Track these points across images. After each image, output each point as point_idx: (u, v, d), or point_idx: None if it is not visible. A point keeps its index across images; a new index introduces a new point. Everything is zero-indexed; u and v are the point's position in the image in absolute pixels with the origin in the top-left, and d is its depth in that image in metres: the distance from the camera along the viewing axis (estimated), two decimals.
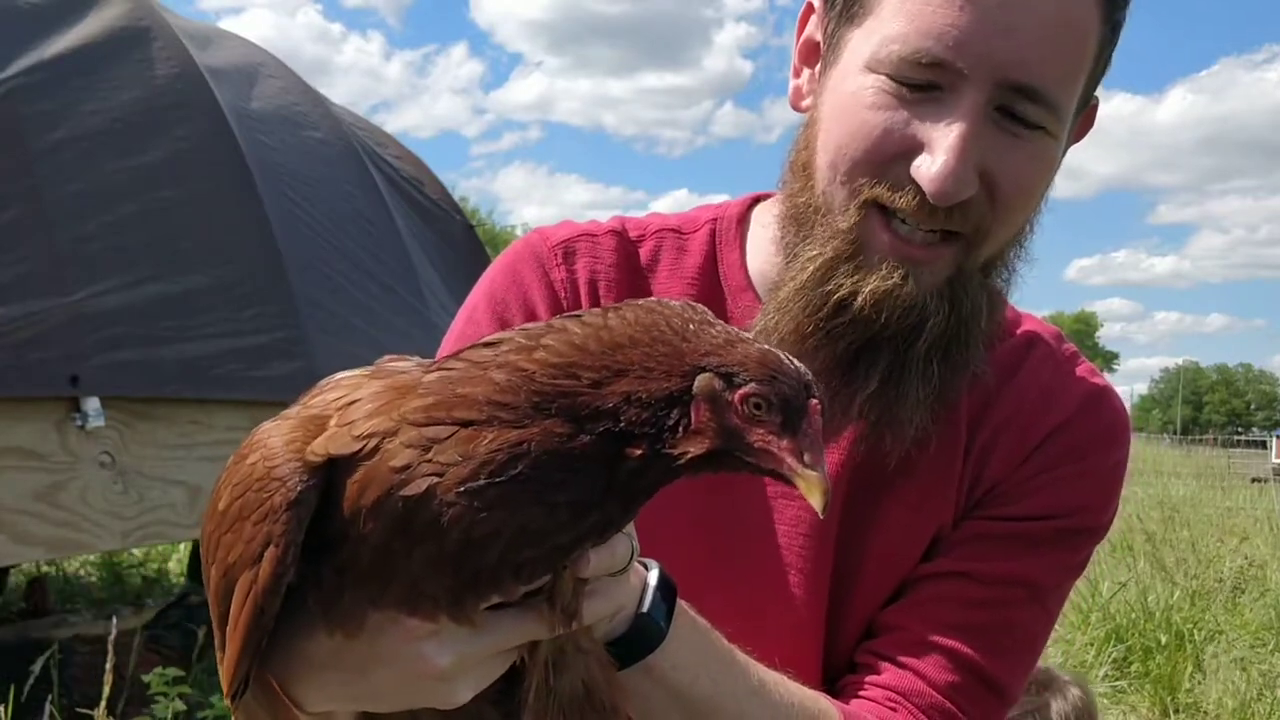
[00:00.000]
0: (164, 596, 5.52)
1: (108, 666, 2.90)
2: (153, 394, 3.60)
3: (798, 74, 1.21)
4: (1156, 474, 20.94)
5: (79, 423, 3.29)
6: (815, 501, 0.75)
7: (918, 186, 1.05)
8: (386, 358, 0.86)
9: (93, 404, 3.32)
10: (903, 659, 1.15)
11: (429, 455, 0.74)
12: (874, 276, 1.08)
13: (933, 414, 1.14)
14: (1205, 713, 5.29)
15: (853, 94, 1.08)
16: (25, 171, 3.41)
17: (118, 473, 3.41)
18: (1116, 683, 5.57)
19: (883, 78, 1.06)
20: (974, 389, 1.21)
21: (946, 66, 1.03)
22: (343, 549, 0.77)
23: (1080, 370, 1.27)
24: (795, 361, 0.78)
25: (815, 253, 1.11)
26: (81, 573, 6.70)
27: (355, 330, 4.70)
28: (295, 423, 0.81)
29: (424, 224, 5.92)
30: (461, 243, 6.29)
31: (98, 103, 3.76)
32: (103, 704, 2.89)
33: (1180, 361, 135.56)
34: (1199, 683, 5.57)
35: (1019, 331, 1.28)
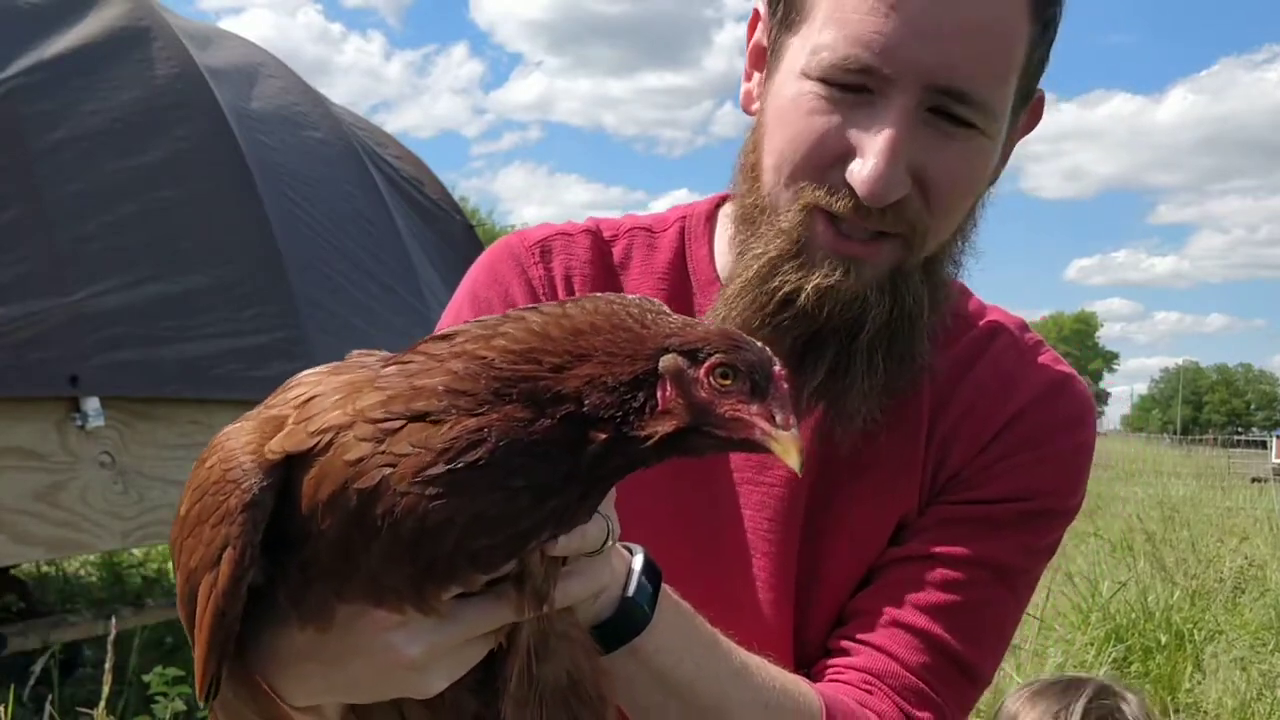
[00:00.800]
0: (164, 597, 5.52)
1: (108, 666, 2.89)
2: (153, 394, 3.60)
3: (748, 78, 1.24)
4: (1156, 474, 20.91)
5: (79, 423, 3.29)
6: (792, 461, 0.76)
7: (853, 189, 1.08)
8: (354, 353, 0.87)
9: (93, 404, 3.32)
10: (875, 642, 1.18)
11: (383, 447, 0.75)
12: (817, 273, 1.12)
13: (880, 404, 1.17)
14: (1205, 713, 5.29)
15: (791, 99, 1.12)
16: (25, 171, 3.41)
17: (118, 473, 3.42)
18: None
19: (817, 83, 1.09)
20: (935, 378, 1.24)
21: (875, 72, 1.06)
22: (305, 545, 0.78)
23: (1042, 358, 1.30)
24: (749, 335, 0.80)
25: (760, 251, 1.15)
26: (81, 573, 6.70)
27: (355, 330, 4.70)
28: (254, 424, 0.82)
29: (424, 224, 5.92)
30: (461, 243, 6.29)
31: (98, 103, 3.76)
32: (102, 704, 2.89)
33: (1180, 361, 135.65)
34: (1199, 683, 5.57)
35: (982, 322, 1.31)
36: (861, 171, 1.07)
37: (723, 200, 1.36)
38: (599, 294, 0.83)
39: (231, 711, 0.88)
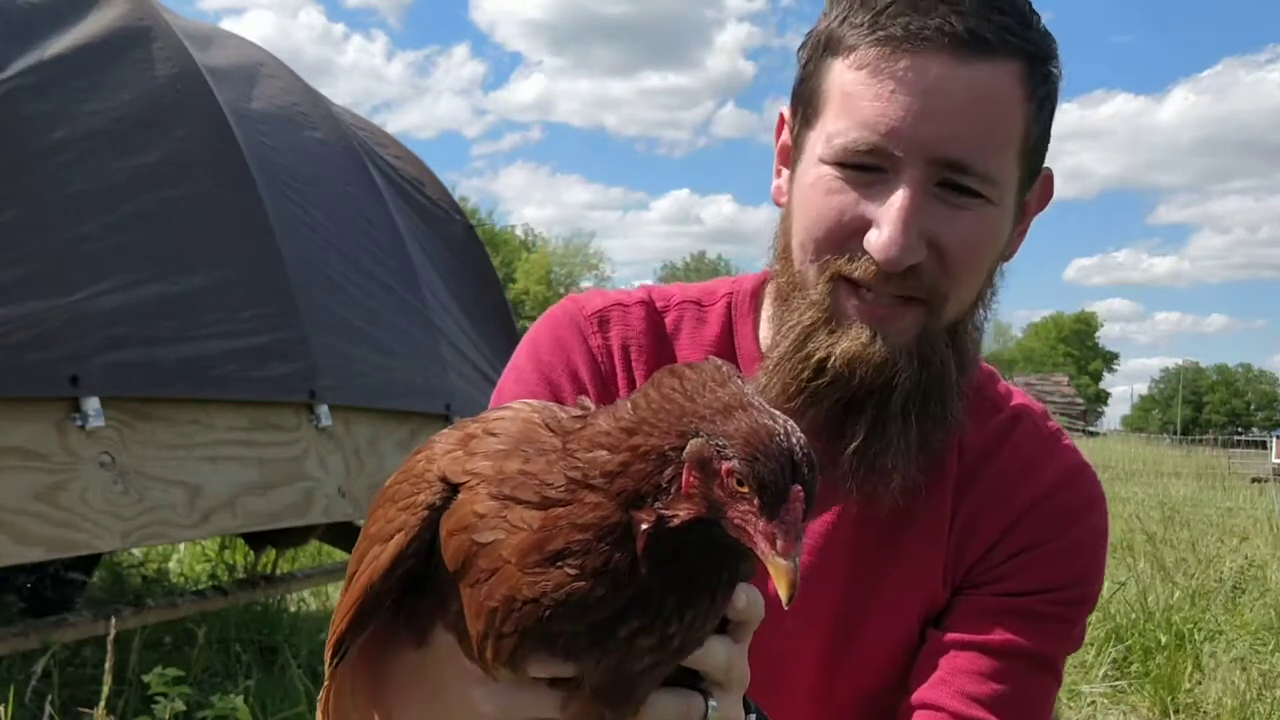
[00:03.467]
0: (164, 597, 5.52)
1: (107, 666, 2.89)
2: (153, 394, 3.59)
3: (779, 174, 1.37)
4: (1156, 474, 20.95)
5: (79, 423, 3.29)
6: (782, 592, 0.75)
7: (873, 257, 1.19)
8: (584, 399, 0.94)
9: (93, 404, 3.31)
10: None
11: (505, 513, 0.80)
12: (845, 338, 1.22)
13: (917, 464, 1.25)
14: (1205, 713, 5.29)
15: (811, 184, 1.24)
16: (25, 171, 3.41)
17: (118, 473, 3.41)
18: (1116, 683, 5.57)
19: (833, 167, 1.21)
20: (964, 458, 1.34)
21: (883, 151, 1.18)
22: (436, 560, 0.84)
23: (1061, 446, 1.40)
24: (791, 437, 0.76)
25: (794, 321, 1.26)
26: None
27: (355, 330, 4.70)
28: (459, 435, 0.89)
29: (424, 224, 5.92)
30: (462, 243, 6.29)
31: (98, 103, 3.75)
32: (102, 704, 2.89)
33: (1180, 361, 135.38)
34: (1199, 683, 5.57)
35: (1009, 407, 1.41)
36: (879, 239, 1.18)
37: (768, 278, 1.45)
38: (675, 365, 0.84)
39: (341, 698, 0.96)
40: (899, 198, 1.17)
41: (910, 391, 1.22)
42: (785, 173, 1.35)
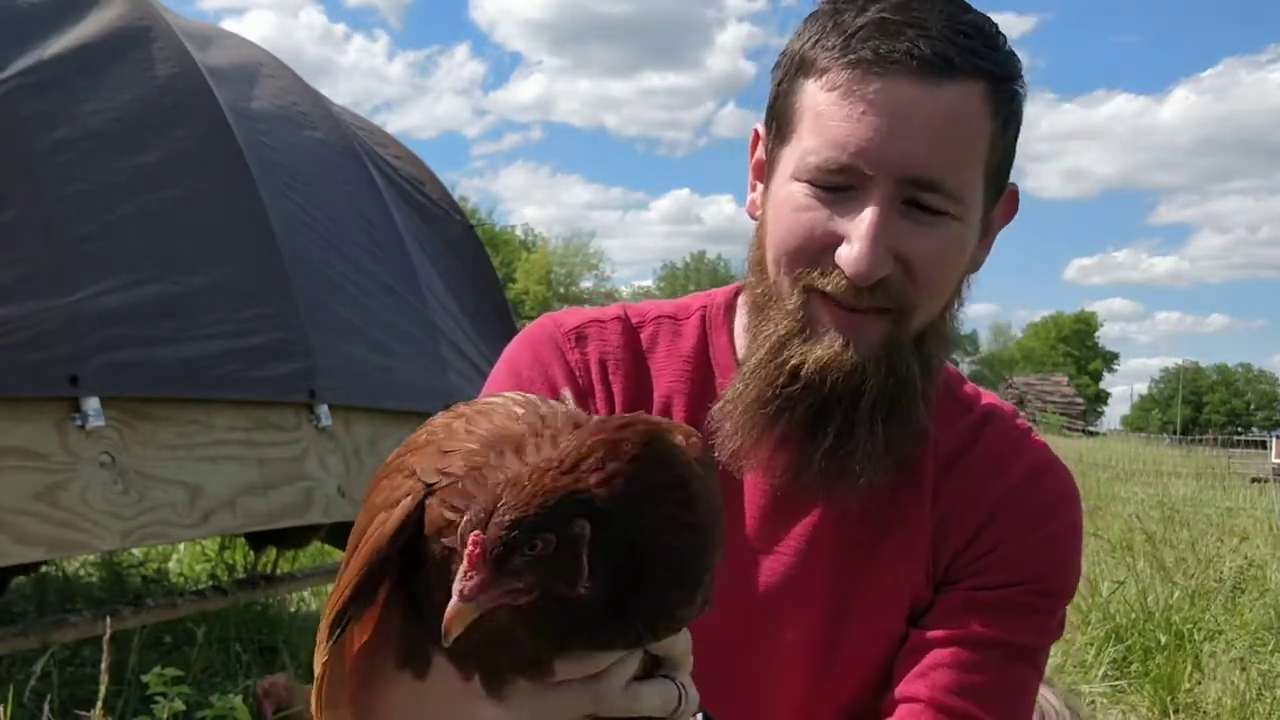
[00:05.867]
0: (164, 597, 5.52)
1: (104, 666, 2.89)
2: (153, 394, 3.59)
3: (753, 189, 1.41)
4: (1156, 474, 20.96)
5: (79, 423, 3.29)
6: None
7: (843, 271, 1.23)
8: (566, 391, 0.94)
9: (92, 404, 3.31)
10: None
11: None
12: (819, 346, 1.26)
13: (883, 467, 1.29)
14: (1205, 713, 5.29)
15: (784, 199, 1.28)
16: (25, 171, 3.41)
17: (118, 473, 3.41)
18: (1116, 683, 5.57)
19: (805, 185, 1.25)
20: (938, 458, 1.38)
21: (853, 170, 1.21)
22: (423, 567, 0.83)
23: (1030, 443, 1.44)
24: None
25: (770, 331, 1.30)
26: (81, 573, 6.69)
27: (355, 330, 4.70)
28: (452, 414, 0.91)
29: (424, 224, 5.92)
30: (462, 243, 6.29)
31: (98, 103, 3.75)
32: (100, 704, 2.89)
33: (1180, 361, 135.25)
34: (1199, 683, 5.57)
35: (979, 406, 1.45)
36: (849, 254, 1.22)
37: (739, 290, 1.50)
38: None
39: (335, 683, 0.93)
40: (868, 214, 1.21)
41: (878, 397, 1.26)
42: (760, 187, 1.39)
